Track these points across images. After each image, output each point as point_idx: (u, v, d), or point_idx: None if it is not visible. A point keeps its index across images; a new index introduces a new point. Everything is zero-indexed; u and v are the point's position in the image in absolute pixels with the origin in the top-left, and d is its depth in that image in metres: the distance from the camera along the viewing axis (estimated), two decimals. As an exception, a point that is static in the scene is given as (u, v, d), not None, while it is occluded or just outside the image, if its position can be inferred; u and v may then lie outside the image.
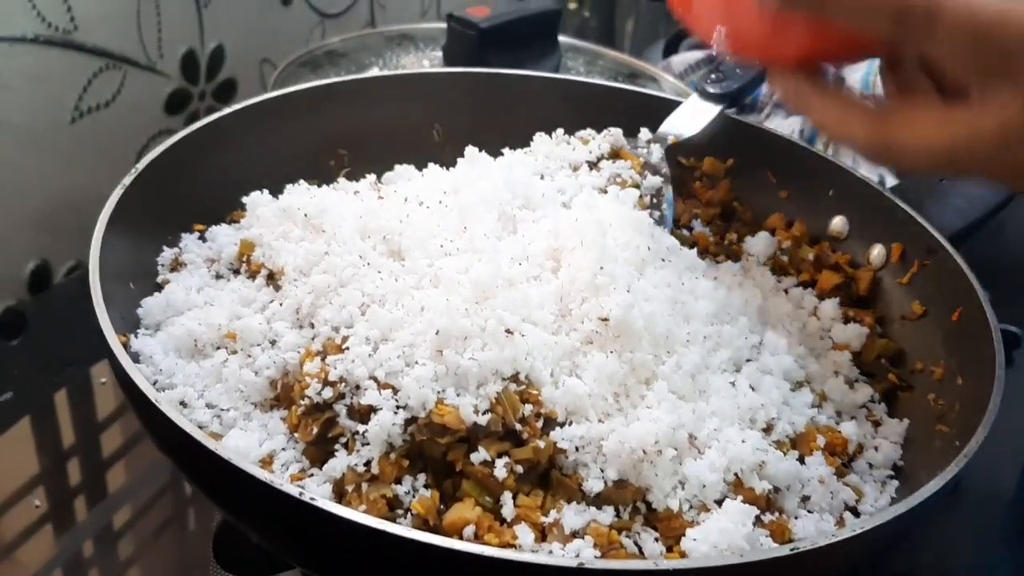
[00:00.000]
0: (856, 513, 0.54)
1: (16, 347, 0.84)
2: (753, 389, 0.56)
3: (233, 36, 1.08)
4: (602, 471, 0.50)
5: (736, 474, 0.51)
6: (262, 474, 0.43)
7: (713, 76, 0.75)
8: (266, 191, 0.67)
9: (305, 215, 0.61)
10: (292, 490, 0.42)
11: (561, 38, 1.05)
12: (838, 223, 0.72)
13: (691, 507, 0.50)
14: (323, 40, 1.20)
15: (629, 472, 0.50)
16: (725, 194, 0.76)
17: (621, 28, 1.64)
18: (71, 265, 0.96)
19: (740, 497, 0.50)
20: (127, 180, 0.60)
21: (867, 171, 0.74)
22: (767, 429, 0.55)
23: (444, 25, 0.99)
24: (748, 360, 0.59)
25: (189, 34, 1.02)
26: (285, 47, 1.14)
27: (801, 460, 0.55)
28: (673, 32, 1.30)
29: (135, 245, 0.61)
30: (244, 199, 0.66)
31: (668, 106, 0.75)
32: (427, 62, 1.02)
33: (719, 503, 0.50)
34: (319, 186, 0.69)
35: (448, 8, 1.49)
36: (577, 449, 0.51)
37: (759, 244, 0.71)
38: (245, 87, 1.12)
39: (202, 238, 0.66)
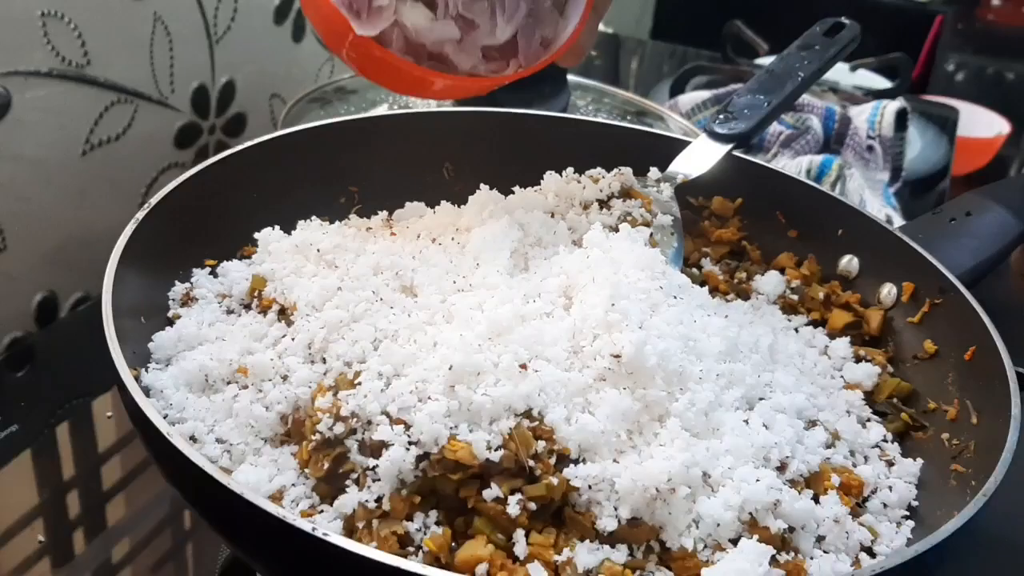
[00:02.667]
0: (872, 554, 0.54)
1: (21, 379, 0.84)
2: (766, 427, 0.56)
3: (244, 71, 1.09)
4: (616, 509, 0.50)
5: (751, 513, 0.51)
6: (275, 509, 0.43)
7: (721, 116, 0.75)
8: (277, 227, 0.67)
9: (318, 250, 0.61)
10: (304, 525, 0.42)
11: (568, 76, 1.06)
12: (848, 262, 0.72)
13: (706, 546, 0.50)
14: (332, 76, 1.22)
15: (643, 510, 0.50)
16: (734, 233, 0.76)
17: (626, 67, 1.66)
18: (78, 297, 0.96)
19: (755, 536, 0.50)
20: (140, 215, 0.60)
21: (874, 211, 0.75)
22: (781, 468, 0.54)
23: (453, 63, 1.00)
24: (760, 398, 0.58)
25: (201, 69, 1.03)
26: (295, 83, 1.15)
27: (815, 499, 0.54)
28: (679, 72, 1.32)
29: (146, 280, 0.61)
30: (256, 235, 0.66)
31: (676, 146, 0.75)
32: (435, 100, 1.03)
33: (734, 542, 0.50)
34: (331, 223, 0.69)
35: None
36: (590, 487, 0.50)
37: (769, 283, 0.71)
38: (254, 122, 1.13)
39: (213, 273, 0.66)
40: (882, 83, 1.43)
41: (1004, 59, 2.18)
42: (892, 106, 1.14)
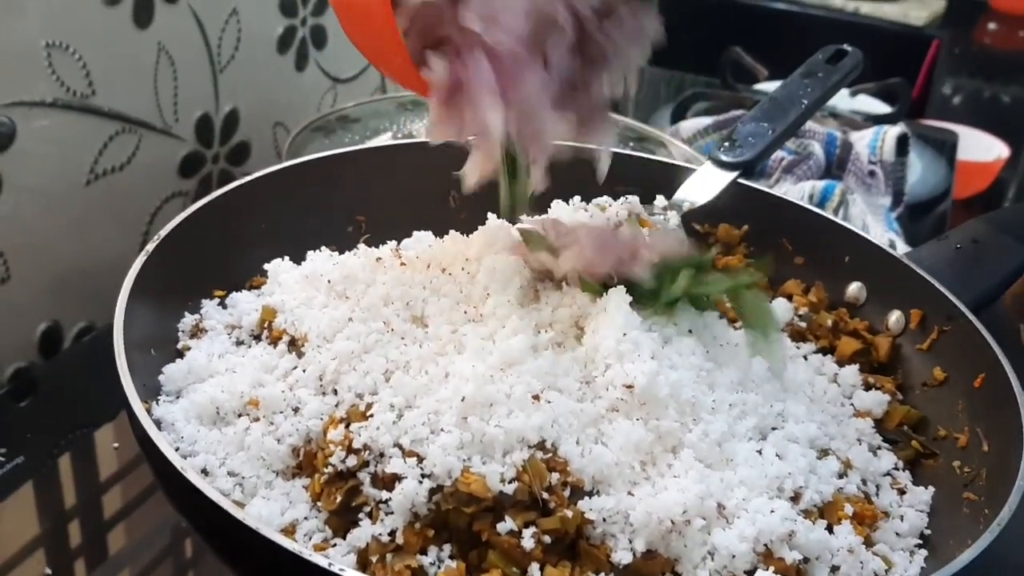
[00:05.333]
0: (886, 585, 0.54)
1: (24, 409, 0.83)
2: (780, 457, 0.55)
3: (247, 100, 1.09)
4: (630, 541, 0.50)
5: (766, 544, 0.50)
6: (290, 544, 0.43)
7: (726, 144, 0.76)
8: (287, 257, 0.67)
9: (328, 281, 0.61)
10: (320, 560, 0.42)
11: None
12: (855, 289, 0.73)
13: (721, 577, 0.49)
14: (335, 104, 1.22)
15: (658, 543, 0.50)
16: (740, 260, 0.76)
17: (626, 97, 1.66)
18: (82, 326, 0.96)
19: (771, 568, 0.49)
20: (150, 247, 0.60)
21: (877, 236, 0.75)
22: (795, 498, 0.54)
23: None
24: (773, 428, 0.58)
25: (204, 98, 1.04)
26: (298, 111, 1.16)
27: (829, 529, 0.54)
28: (679, 99, 1.32)
29: (156, 312, 0.61)
30: (265, 265, 0.66)
31: (682, 174, 0.76)
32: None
33: (749, 574, 0.50)
34: (340, 252, 0.69)
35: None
36: (605, 519, 0.50)
37: (777, 310, 0.71)
38: (258, 150, 1.13)
39: (222, 304, 0.66)
40: (881, 108, 1.44)
41: (1000, 82, 2.20)
42: (893, 131, 1.14)
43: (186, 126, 1.02)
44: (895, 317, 0.70)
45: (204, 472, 0.53)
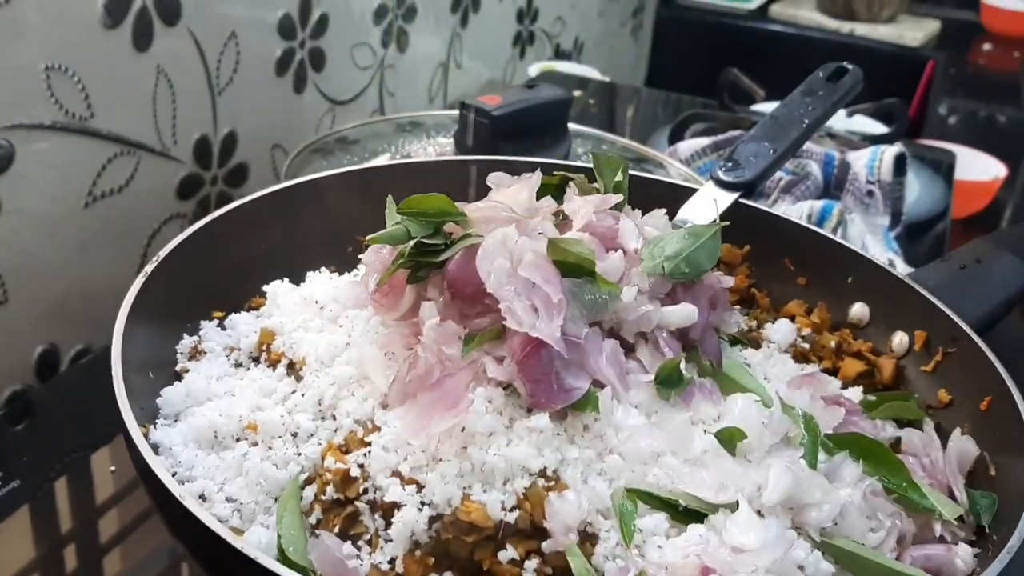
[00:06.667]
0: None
1: (21, 432, 0.82)
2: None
3: (246, 122, 1.09)
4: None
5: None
6: (288, 573, 0.42)
7: (728, 164, 0.75)
8: (286, 279, 0.67)
9: (325, 308, 0.60)
10: (320, 591, 0.41)
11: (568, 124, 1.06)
12: (858, 310, 0.72)
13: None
14: (333, 126, 1.22)
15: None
16: (742, 280, 0.76)
17: (622, 115, 1.67)
18: (79, 349, 0.95)
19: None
20: (149, 268, 0.60)
21: (877, 255, 0.75)
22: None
23: (453, 112, 1.01)
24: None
25: (203, 120, 1.04)
26: (296, 133, 1.16)
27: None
28: (677, 120, 1.33)
29: (154, 334, 0.60)
30: (264, 287, 0.66)
31: (683, 193, 0.75)
32: (436, 148, 1.03)
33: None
34: (340, 273, 0.69)
35: (455, 96, 1.52)
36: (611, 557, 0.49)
37: (779, 331, 0.70)
38: (256, 172, 1.13)
39: (221, 326, 0.65)
40: (879, 128, 1.44)
41: (996, 103, 2.21)
42: (891, 151, 1.14)
43: (184, 148, 1.02)
44: (899, 338, 0.69)
45: (202, 498, 0.52)
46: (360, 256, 0.60)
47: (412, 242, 0.55)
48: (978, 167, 1.50)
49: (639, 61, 2.28)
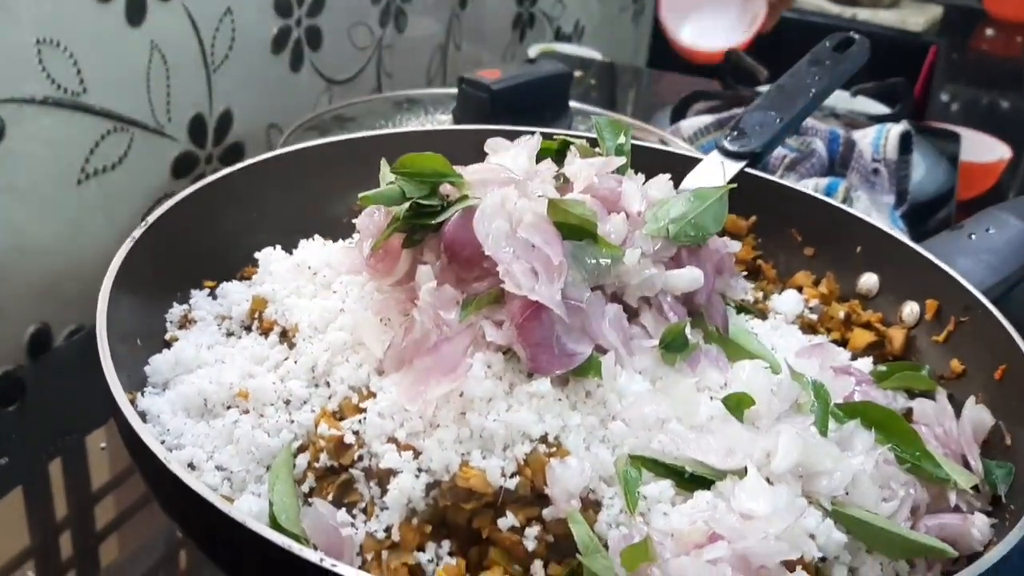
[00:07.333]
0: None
1: (13, 413, 0.81)
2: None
3: (241, 101, 1.07)
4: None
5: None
6: (279, 539, 0.40)
7: (734, 133, 0.74)
8: (279, 247, 0.65)
9: (315, 274, 0.59)
10: (311, 556, 0.39)
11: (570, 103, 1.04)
12: (867, 280, 0.70)
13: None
14: (330, 105, 1.20)
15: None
16: (749, 252, 0.74)
17: (624, 97, 1.65)
18: (72, 329, 0.94)
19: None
20: (137, 233, 0.58)
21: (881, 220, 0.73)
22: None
23: (451, 90, 0.99)
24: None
25: (198, 98, 1.02)
26: (292, 112, 1.14)
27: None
28: (680, 99, 1.31)
29: (143, 302, 0.59)
30: (256, 255, 0.64)
31: (688, 163, 0.74)
32: (434, 125, 1.02)
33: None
34: (334, 241, 0.67)
35: (455, 76, 1.51)
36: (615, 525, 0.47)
37: (787, 302, 0.68)
38: (252, 151, 1.11)
39: (212, 295, 0.64)
40: (882, 109, 1.42)
41: (998, 89, 2.19)
42: (896, 129, 1.12)
43: (179, 126, 1.00)
44: (909, 308, 0.67)
45: (191, 467, 0.50)
46: (355, 222, 0.58)
47: (407, 204, 0.53)
48: (983, 149, 1.48)
49: (640, 45, 2.26)
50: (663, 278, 0.55)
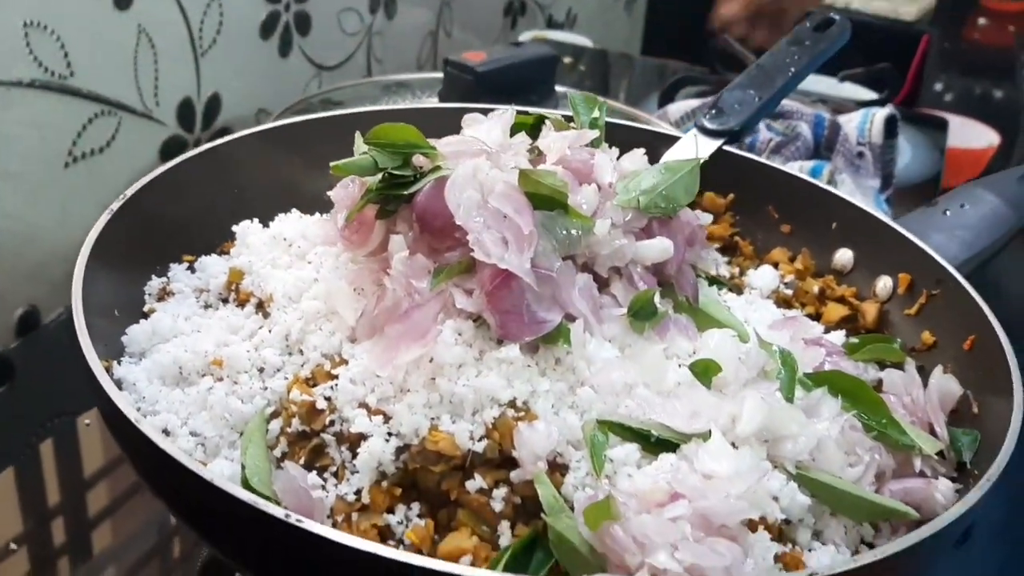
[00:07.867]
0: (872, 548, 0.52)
1: (3, 394, 0.82)
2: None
3: (230, 85, 1.08)
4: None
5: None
6: (248, 496, 0.41)
7: (712, 111, 0.74)
8: (256, 220, 0.66)
9: (290, 245, 0.59)
10: (278, 512, 0.40)
11: (557, 87, 1.05)
12: (842, 256, 0.71)
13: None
14: (319, 90, 1.21)
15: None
16: (726, 229, 0.74)
17: (616, 84, 1.66)
18: (60, 311, 0.94)
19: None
20: (115, 206, 0.59)
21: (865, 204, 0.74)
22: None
23: (439, 74, 0.99)
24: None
25: (186, 82, 1.02)
26: (281, 97, 1.14)
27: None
28: (668, 83, 1.31)
29: (121, 274, 0.59)
30: (234, 228, 0.65)
31: (668, 141, 0.74)
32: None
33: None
34: (311, 215, 0.68)
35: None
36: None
37: (762, 278, 0.69)
38: (241, 136, 1.12)
39: (191, 269, 0.64)
40: (869, 95, 1.42)
41: (991, 78, 2.19)
42: (881, 113, 1.13)
43: (167, 110, 1.01)
44: (883, 283, 0.68)
45: (165, 432, 0.51)
46: (330, 194, 0.59)
47: (380, 175, 0.54)
48: (972, 135, 1.48)
49: (632, 34, 2.26)
50: (633, 248, 0.56)
